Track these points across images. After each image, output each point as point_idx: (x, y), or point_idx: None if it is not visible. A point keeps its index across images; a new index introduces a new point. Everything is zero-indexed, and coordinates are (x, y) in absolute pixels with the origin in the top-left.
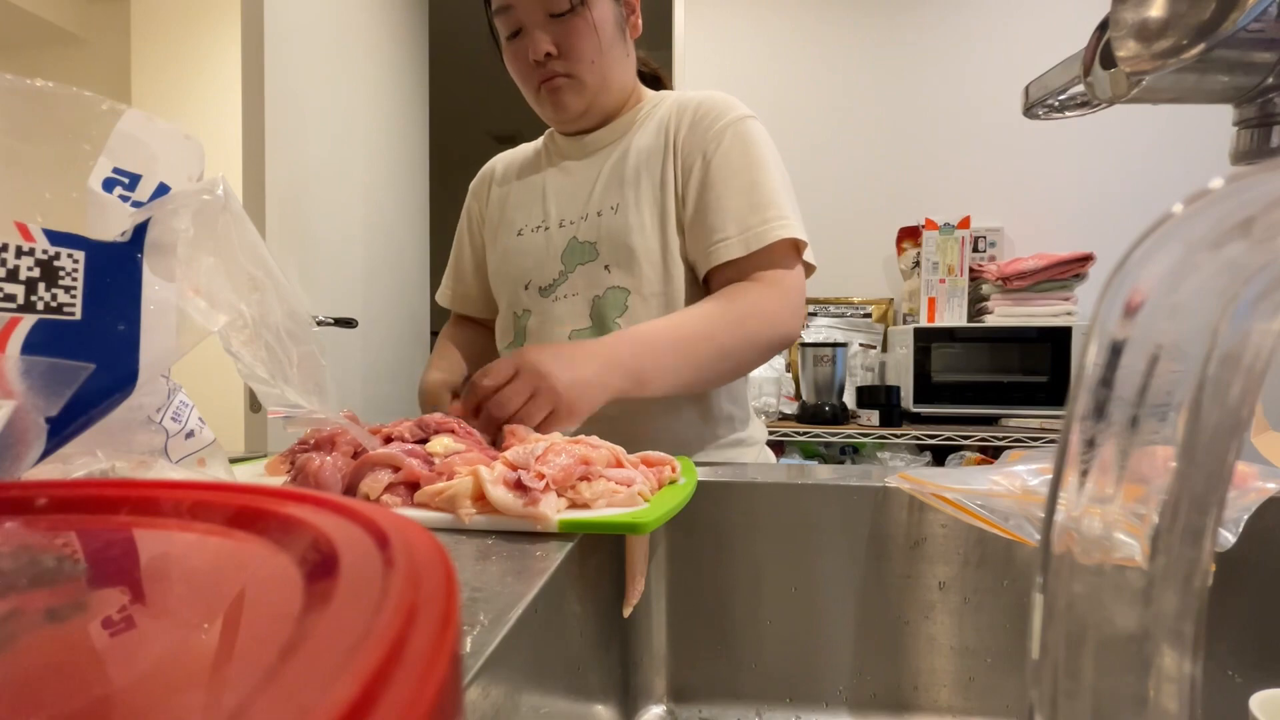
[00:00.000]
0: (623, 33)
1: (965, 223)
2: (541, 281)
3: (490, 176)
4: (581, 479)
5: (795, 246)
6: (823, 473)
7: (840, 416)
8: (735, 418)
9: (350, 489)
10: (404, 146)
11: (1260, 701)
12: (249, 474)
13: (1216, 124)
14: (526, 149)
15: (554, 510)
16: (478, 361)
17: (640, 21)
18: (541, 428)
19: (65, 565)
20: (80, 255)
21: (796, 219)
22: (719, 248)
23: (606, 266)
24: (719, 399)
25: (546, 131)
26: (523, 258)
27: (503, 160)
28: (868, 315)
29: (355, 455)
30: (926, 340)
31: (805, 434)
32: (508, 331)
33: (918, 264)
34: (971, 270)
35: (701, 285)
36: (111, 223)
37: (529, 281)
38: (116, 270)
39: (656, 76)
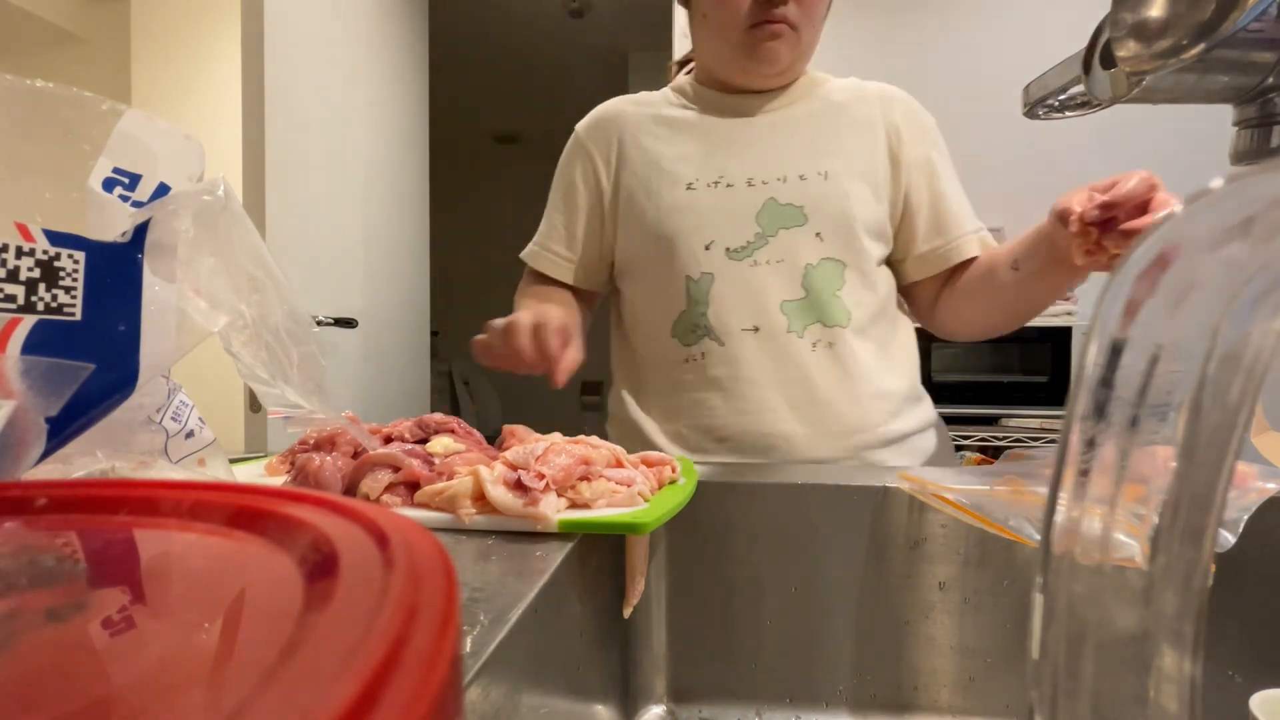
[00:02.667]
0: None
1: None
2: (731, 243)
3: (617, 122)
4: (581, 479)
5: None
6: (823, 473)
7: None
8: (922, 401)
9: (350, 489)
10: (404, 147)
11: (1260, 701)
12: (249, 474)
13: (1216, 124)
14: (652, 97)
15: (554, 510)
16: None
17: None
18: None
19: (65, 565)
20: (80, 256)
21: None
22: (962, 242)
23: (818, 234)
24: (912, 377)
25: (679, 83)
26: (700, 215)
27: (629, 104)
28: None
29: (355, 455)
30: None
31: None
32: (677, 298)
33: None
34: None
35: (890, 274)
36: (111, 223)
37: (711, 242)
38: (117, 271)
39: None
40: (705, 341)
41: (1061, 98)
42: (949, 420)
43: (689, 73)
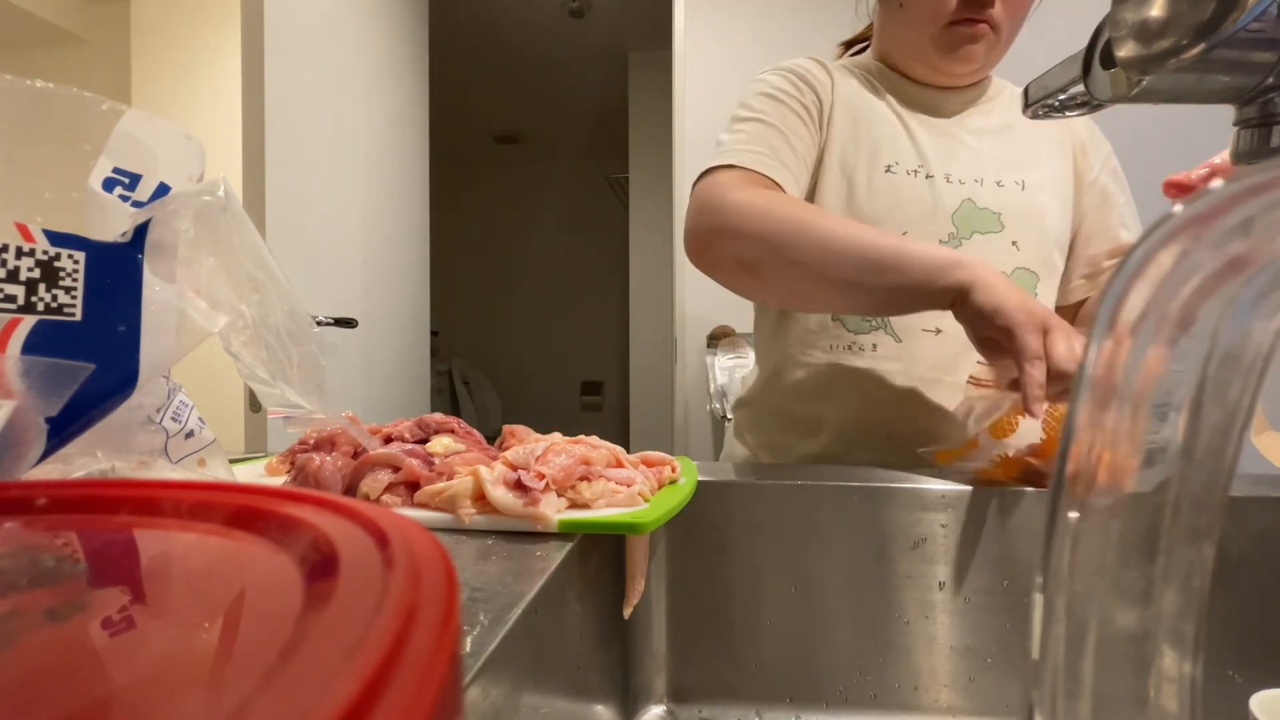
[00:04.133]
0: None
1: None
2: (926, 236)
3: (827, 74)
4: (581, 479)
5: None
6: (823, 473)
7: None
8: None
9: (350, 489)
10: (404, 146)
11: (1260, 701)
12: (249, 474)
13: (1216, 124)
14: (843, 66)
15: (554, 510)
16: None
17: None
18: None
19: (65, 565)
20: (81, 256)
21: None
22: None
23: (1014, 243)
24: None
25: (868, 63)
26: (900, 199)
27: (828, 68)
28: None
29: (355, 455)
30: None
31: None
32: None
33: None
34: None
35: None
36: (112, 223)
37: (905, 232)
38: (117, 271)
39: None
40: (879, 334)
41: (1061, 98)
42: None
43: (855, 54)
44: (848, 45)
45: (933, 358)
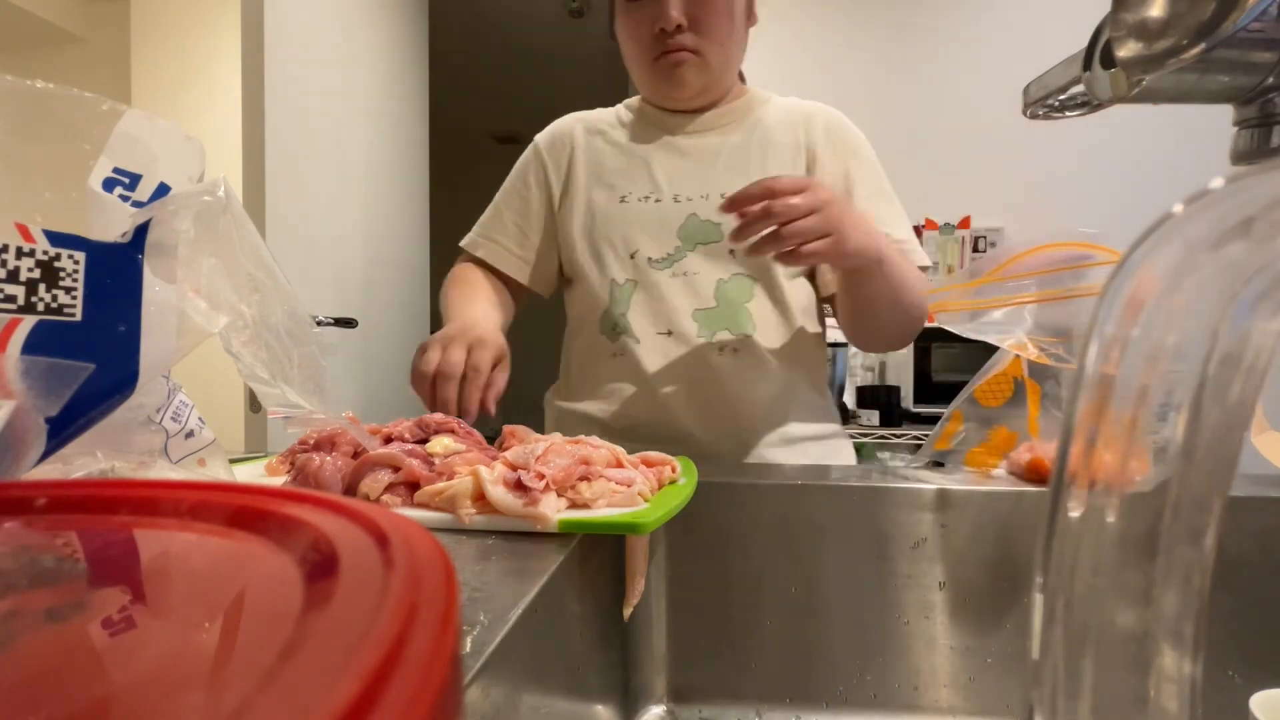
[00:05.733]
0: (746, 19)
1: (965, 223)
2: (653, 253)
3: (570, 136)
4: (581, 479)
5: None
6: (823, 473)
7: (840, 417)
8: (822, 408)
9: (350, 489)
10: (404, 146)
11: (1260, 701)
12: (249, 474)
13: (1216, 124)
14: (606, 114)
15: (554, 510)
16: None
17: (757, 12)
18: (806, 254)
19: (65, 565)
20: (81, 256)
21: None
22: None
23: (731, 251)
24: (816, 386)
25: (630, 102)
26: (629, 225)
27: (581, 121)
28: None
29: (355, 455)
30: (927, 340)
31: None
32: (599, 299)
33: None
34: None
35: (813, 289)
36: (112, 223)
37: (636, 251)
38: (117, 271)
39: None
40: (624, 339)
41: (1061, 98)
42: None
43: None
44: None
45: (664, 358)
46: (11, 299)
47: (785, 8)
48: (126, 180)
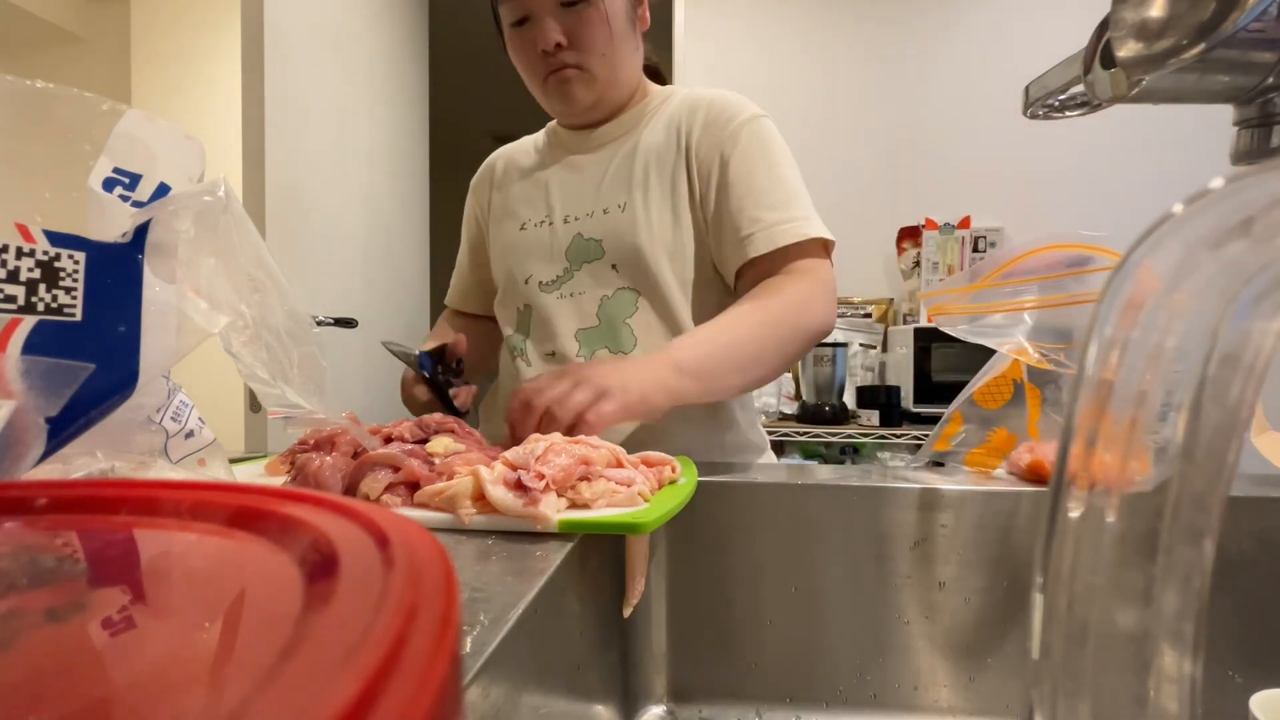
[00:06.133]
0: (633, 25)
1: (965, 223)
2: (544, 277)
3: (491, 172)
4: (581, 479)
5: (824, 245)
6: (823, 473)
7: (840, 417)
8: (743, 423)
9: (350, 489)
10: (404, 146)
11: (1260, 701)
12: (249, 474)
13: (1216, 124)
14: (527, 142)
15: (554, 510)
16: (476, 352)
17: (648, 14)
18: (595, 420)
19: (65, 565)
20: (81, 256)
21: (817, 218)
22: (747, 244)
23: (613, 266)
24: (730, 404)
25: (549, 124)
26: (524, 252)
27: (503, 155)
28: (868, 315)
29: (355, 455)
30: (926, 340)
31: (805, 434)
32: (509, 324)
33: (918, 264)
34: None
35: (728, 287)
36: (112, 223)
37: (529, 276)
38: (117, 271)
39: (657, 71)
40: (518, 362)
41: (1061, 98)
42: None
43: None
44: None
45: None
46: (11, 299)
47: (785, 8)
48: (126, 180)
